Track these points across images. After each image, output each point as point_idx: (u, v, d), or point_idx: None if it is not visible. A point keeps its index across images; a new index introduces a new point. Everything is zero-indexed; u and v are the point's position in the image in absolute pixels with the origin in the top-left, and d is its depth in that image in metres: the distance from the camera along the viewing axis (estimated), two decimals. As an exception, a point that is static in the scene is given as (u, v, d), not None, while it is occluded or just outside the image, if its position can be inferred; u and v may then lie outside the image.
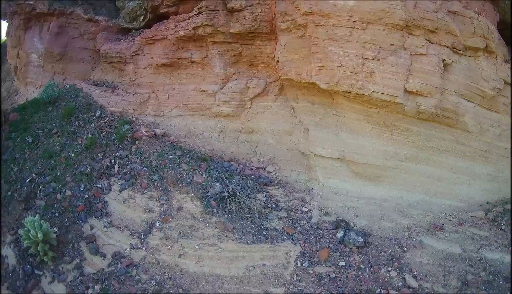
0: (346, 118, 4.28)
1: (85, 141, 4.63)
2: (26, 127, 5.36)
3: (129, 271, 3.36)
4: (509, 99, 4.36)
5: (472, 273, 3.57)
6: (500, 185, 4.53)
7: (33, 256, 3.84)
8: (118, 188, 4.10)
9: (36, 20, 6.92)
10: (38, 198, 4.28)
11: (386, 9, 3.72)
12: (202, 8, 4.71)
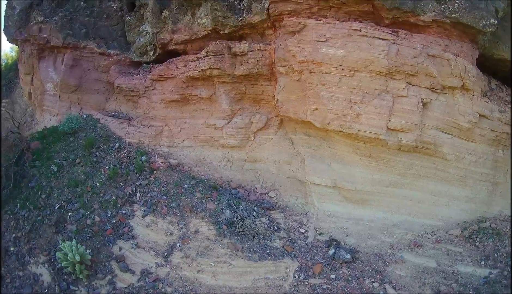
0: (338, 150, 5.24)
1: (108, 171, 5.58)
2: (50, 156, 6.30)
3: (156, 285, 4.30)
4: (486, 130, 5.30)
5: (445, 284, 4.51)
6: (476, 205, 5.49)
7: (68, 274, 4.77)
8: (141, 214, 5.04)
9: (49, 51, 7.86)
10: (69, 223, 5.21)
11: (371, 58, 4.70)
12: (209, 52, 5.67)
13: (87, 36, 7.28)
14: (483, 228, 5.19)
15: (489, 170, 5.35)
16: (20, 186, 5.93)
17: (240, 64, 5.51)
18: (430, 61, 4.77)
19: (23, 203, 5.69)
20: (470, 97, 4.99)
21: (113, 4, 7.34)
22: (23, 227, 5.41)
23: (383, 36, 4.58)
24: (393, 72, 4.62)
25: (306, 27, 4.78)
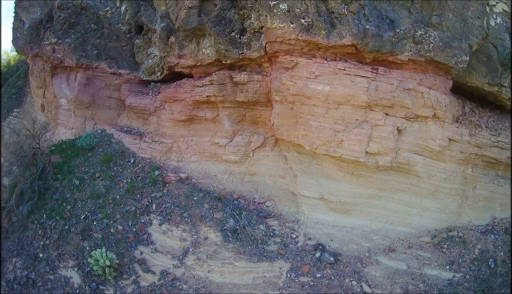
0: (325, 167, 6.43)
1: (126, 185, 6.75)
2: (70, 170, 7.45)
3: (174, 283, 5.57)
4: (455, 151, 6.39)
5: (413, 284, 5.75)
6: (446, 216, 6.69)
7: (97, 276, 6.01)
8: (157, 223, 6.26)
9: (62, 69, 8.89)
10: (95, 232, 6.42)
11: (353, 94, 5.80)
12: (213, 81, 6.75)
13: (99, 57, 8.30)
14: (451, 236, 6.41)
15: (459, 185, 6.52)
16: (44, 198, 7.12)
17: (240, 92, 6.62)
18: (405, 94, 5.88)
19: (49, 213, 6.89)
20: (441, 124, 6.11)
21: (122, 27, 8.32)
22: (51, 236, 6.63)
23: (364, 74, 5.67)
24: (372, 105, 5.75)
25: (298, 65, 5.87)
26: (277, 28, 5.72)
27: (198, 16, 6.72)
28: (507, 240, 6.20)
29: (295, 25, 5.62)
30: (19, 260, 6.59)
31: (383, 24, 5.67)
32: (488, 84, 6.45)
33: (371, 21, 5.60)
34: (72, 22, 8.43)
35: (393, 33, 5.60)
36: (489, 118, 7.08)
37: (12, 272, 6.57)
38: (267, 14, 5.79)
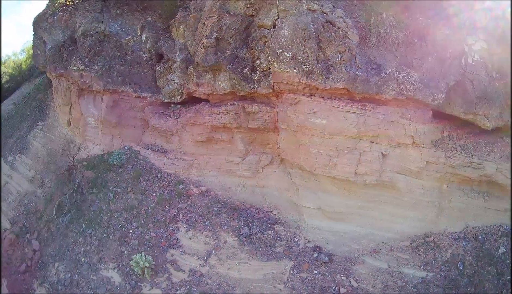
0: (322, 183, 8.30)
1: (156, 198, 8.66)
2: (104, 184, 9.35)
3: (200, 279, 7.56)
4: (432, 172, 8.17)
5: (391, 281, 7.69)
6: (425, 224, 8.49)
7: (135, 275, 7.96)
8: (184, 230, 8.20)
9: (88, 91, 10.59)
10: (131, 238, 8.35)
11: (344, 127, 7.58)
12: (229, 110, 8.53)
13: (123, 82, 10.01)
14: (427, 241, 8.28)
15: (436, 199, 8.32)
16: (81, 209, 9.04)
17: (252, 120, 8.43)
18: (389, 126, 7.64)
19: (88, 223, 8.81)
20: (420, 149, 7.88)
21: (143, 54, 9.99)
22: (91, 242, 8.56)
23: (354, 111, 7.42)
24: (360, 136, 7.55)
25: (300, 102, 7.63)
26: (282, 72, 7.47)
27: (214, 54, 8.45)
28: (477, 246, 8.04)
29: (298, 70, 7.35)
30: (62, 264, 8.55)
31: (371, 69, 7.39)
32: (464, 113, 8.17)
33: (361, 67, 7.31)
34: (97, 49, 10.10)
35: (379, 77, 7.32)
36: (466, 140, 8.82)
37: (56, 275, 8.54)
38: (274, 60, 7.51)
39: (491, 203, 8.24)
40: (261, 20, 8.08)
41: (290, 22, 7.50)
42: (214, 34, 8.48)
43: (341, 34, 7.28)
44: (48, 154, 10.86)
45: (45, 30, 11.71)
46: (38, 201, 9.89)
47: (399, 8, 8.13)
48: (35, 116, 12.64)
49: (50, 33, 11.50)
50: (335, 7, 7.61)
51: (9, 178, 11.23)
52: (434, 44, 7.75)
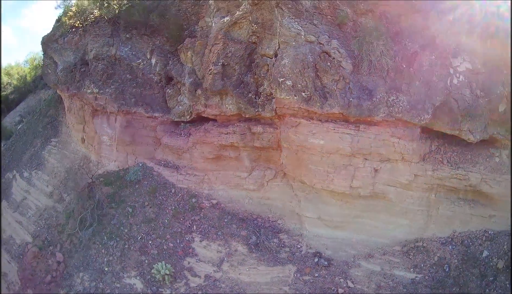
0: (321, 195, 9.71)
1: (171, 211, 10.07)
2: (122, 199, 10.76)
3: (215, 283, 9.00)
4: (420, 183, 9.60)
5: (384, 282, 9.13)
6: (415, 230, 9.87)
7: (156, 281, 9.42)
8: (199, 240, 9.64)
9: (102, 111, 11.91)
10: (151, 249, 9.79)
11: (340, 146, 8.96)
12: (236, 131, 9.89)
13: (136, 103, 11.33)
14: (417, 246, 9.68)
15: (424, 207, 9.71)
16: (102, 223, 10.46)
17: (257, 140, 9.80)
18: (380, 144, 9.00)
19: (109, 236, 10.23)
20: (408, 164, 9.25)
21: (154, 77, 11.29)
22: (114, 253, 9.99)
23: (349, 132, 8.78)
24: (354, 154, 8.92)
25: (300, 124, 8.99)
26: (284, 99, 8.81)
27: (221, 80, 9.78)
28: (462, 250, 9.43)
29: (298, 97, 8.69)
30: (86, 274, 9.99)
31: (363, 94, 8.73)
32: (450, 129, 9.51)
33: (354, 93, 8.65)
34: (109, 73, 11.39)
35: (371, 102, 8.65)
36: (453, 152, 10.18)
37: (81, 284, 9.99)
38: (277, 87, 8.85)
39: (476, 210, 9.52)
40: (263, 49, 9.41)
41: (290, 53, 8.82)
42: (221, 61, 9.81)
43: (336, 64, 8.61)
44: (65, 171, 12.24)
45: (56, 51, 12.96)
46: (59, 216, 11.29)
47: (389, 36, 9.46)
48: (48, 133, 13.98)
49: (61, 54, 12.76)
50: (330, 37, 8.92)
51: (27, 193, 12.62)
52: (421, 69, 9.07)
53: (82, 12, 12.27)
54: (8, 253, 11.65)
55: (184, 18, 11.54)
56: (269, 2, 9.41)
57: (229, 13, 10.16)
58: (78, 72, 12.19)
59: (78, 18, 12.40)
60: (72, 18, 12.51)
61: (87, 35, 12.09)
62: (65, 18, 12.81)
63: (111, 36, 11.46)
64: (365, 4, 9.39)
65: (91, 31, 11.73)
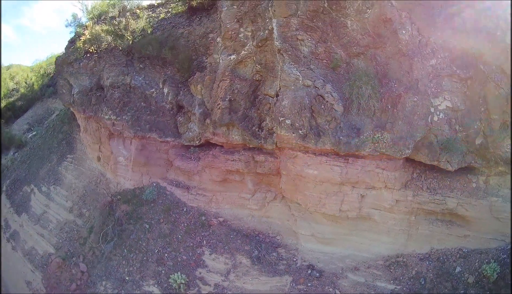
0: (314, 216, 12.16)
1: (184, 228, 12.54)
2: (139, 216, 13.25)
3: (223, 291, 11.53)
4: (401, 207, 12.15)
5: (367, 291, 11.65)
6: (396, 246, 12.39)
7: (173, 289, 12.02)
8: (208, 253, 12.16)
9: (118, 134, 14.22)
10: (167, 261, 12.33)
11: (331, 176, 11.36)
12: (241, 159, 12.25)
13: (150, 129, 13.64)
14: (398, 261, 12.22)
15: (405, 227, 12.18)
16: (122, 237, 12.99)
17: (260, 167, 12.19)
18: (366, 174, 11.40)
19: (129, 249, 12.76)
20: (391, 191, 11.66)
21: (166, 105, 13.56)
22: (134, 264, 12.54)
23: (339, 164, 11.16)
24: (344, 183, 11.31)
25: (297, 156, 11.35)
26: (284, 135, 11.14)
27: (228, 114, 12.09)
28: (437, 265, 11.88)
29: (295, 134, 11.03)
30: (109, 283, 12.54)
31: (352, 133, 11.06)
32: (429, 160, 11.86)
33: (344, 131, 10.98)
34: (125, 101, 13.64)
35: (358, 139, 10.99)
36: (433, 179, 12.61)
37: (104, 292, 12.53)
38: (277, 125, 11.18)
39: (453, 230, 11.87)
40: (266, 89, 11.70)
41: (289, 95, 11.12)
42: (228, 97, 12.10)
43: (329, 107, 10.92)
44: (82, 187, 14.63)
45: (71, 74, 15.14)
46: (80, 229, 13.74)
47: (378, 78, 11.73)
48: (63, 149, 16.30)
49: (77, 78, 14.95)
50: (325, 82, 11.20)
51: (46, 208, 15.02)
52: (404, 109, 11.34)
53: (96, 38, 14.39)
54: (31, 263, 14.15)
55: (192, 49, 13.77)
56: (272, 46, 11.68)
57: (235, 51, 12.42)
58: (94, 96, 14.43)
59: (92, 44, 14.54)
60: (86, 43, 14.65)
61: (101, 61, 14.28)
62: (79, 42, 14.94)
63: (125, 66, 13.67)
64: (357, 47, 11.66)
65: (106, 59, 13.92)
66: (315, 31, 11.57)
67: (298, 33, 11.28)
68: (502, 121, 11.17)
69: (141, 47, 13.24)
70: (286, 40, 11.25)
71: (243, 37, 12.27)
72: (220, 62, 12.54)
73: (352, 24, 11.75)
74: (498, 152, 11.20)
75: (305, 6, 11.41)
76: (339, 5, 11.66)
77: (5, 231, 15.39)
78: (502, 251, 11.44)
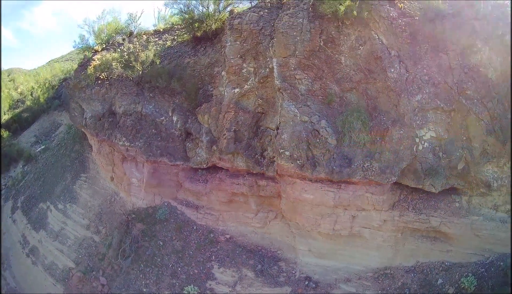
0: (311, 233, 14.76)
1: (195, 244, 15.24)
2: (154, 234, 15.94)
3: (231, 300, 14.44)
4: (389, 226, 14.87)
5: None
6: (385, 260, 15.02)
7: None
8: (217, 267, 14.88)
9: (131, 158, 16.75)
10: (180, 274, 15.07)
11: (325, 201, 13.93)
12: (245, 183, 14.82)
13: (161, 154, 16.15)
14: (386, 273, 14.95)
15: (393, 243, 14.84)
16: (139, 253, 15.75)
17: (262, 190, 14.80)
18: (357, 198, 14.01)
19: (146, 264, 15.51)
20: (379, 212, 14.28)
21: (175, 132, 16.04)
22: (150, 277, 15.31)
23: (332, 190, 13.75)
24: (337, 206, 13.92)
25: (296, 183, 13.94)
26: (283, 165, 13.69)
27: (234, 143, 14.62)
28: (421, 277, 14.59)
29: (294, 165, 13.58)
30: None
31: (344, 163, 13.62)
32: (415, 184, 14.47)
33: (337, 162, 13.53)
34: (137, 128, 16.10)
35: (350, 168, 13.56)
36: (418, 200, 15.23)
37: None
38: (278, 156, 13.73)
39: (436, 245, 14.45)
40: (267, 123, 14.20)
41: (288, 130, 13.63)
42: (233, 128, 14.61)
43: (324, 140, 13.45)
44: (98, 205, 17.24)
45: (84, 100, 17.54)
46: (98, 246, 16.41)
47: (368, 111, 14.23)
48: (76, 168, 18.84)
49: (89, 104, 17.36)
50: (320, 117, 13.69)
51: (64, 224, 17.63)
52: (391, 141, 13.83)
53: (106, 66, 16.72)
54: (52, 277, 16.83)
55: (198, 78, 16.19)
56: (272, 83, 14.14)
57: (238, 85, 14.86)
58: (106, 122, 16.88)
59: (102, 71, 16.90)
60: (97, 70, 17.00)
61: (112, 88, 16.67)
62: (90, 69, 17.28)
63: (136, 95, 16.08)
64: (350, 82, 14.14)
65: (118, 88, 16.32)
66: (312, 69, 14.03)
67: (296, 72, 13.73)
68: (482, 149, 13.73)
69: (151, 78, 15.64)
70: (285, 79, 13.72)
71: (246, 72, 14.70)
72: (225, 95, 15.01)
73: (346, 60, 14.21)
74: (479, 176, 13.70)
75: (302, 47, 13.84)
76: (334, 42, 14.11)
77: (23, 246, 18.07)
78: (481, 265, 13.94)
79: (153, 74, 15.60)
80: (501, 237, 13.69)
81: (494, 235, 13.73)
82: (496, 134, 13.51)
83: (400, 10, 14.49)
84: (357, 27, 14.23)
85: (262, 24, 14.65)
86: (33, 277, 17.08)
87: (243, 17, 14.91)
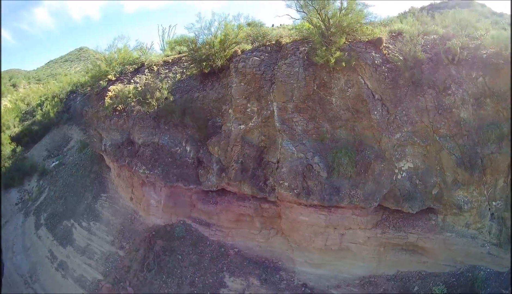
0: (307, 247, 20.07)
1: (209, 257, 20.61)
2: (173, 249, 21.41)
3: (240, 304, 20.13)
4: (372, 241, 20.41)
5: None
6: (369, 270, 20.26)
7: None
8: (228, 277, 20.26)
9: (150, 183, 22.00)
10: (197, 283, 20.52)
11: (318, 222, 19.20)
12: (251, 206, 20.12)
13: (177, 180, 21.33)
14: (370, 281, 20.34)
15: (376, 255, 20.10)
16: (161, 266, 21.37)
17: (265, 212, 20.12)
18: (345, 220, 19.28)
19: (167, 275, 21.06)
20: (364, 230, 19.55)
21: (189, 160, 21.19)
22: (172, 287, 20.81)
23: (324, 213, 18.96)
24: (328, 226, 19.15)
25: (293, 207, 19.17)
26: (283, 193, 18.93)
27: (241, 173, 19.84)
28: (400, 284, 20.04)
29: (292, 193, 18.82)
30: None
31: (333, 192, 18.88)
32: (395, 206, 19.84)
33: (327, 191, 18.79)
34: (155, 157, 21.22)
35: (338, 196, 18.82)
36: (399, 219, 20.59)
37: None
38: (278, 186, 18.97)
39: (414, 257, 20.03)
40: (269, 157, 19.38)
41: (287, 165, 18.83)
42: (240, 160, 19.79)
43: (316, 173, 18.68)
44: (119, 223, 22.58)
45: (103, 129, 22.54)
46: (123, 259, 21.85)
47: (355, 146, 19.45)
48: (96, 188, 24.07)
49: (108, 132, 22.37)
50: (314, 154, 18.84)
51: (89, 241, 22.96)
52: (373, 173, 19.06)
53: (123, 100, 21.62)
54: (82, 288, 22.26)
55: (207, 111, 21.23)
56: (273, 123, 19.26)
57: (244, 122, 19.95)
58: (125, 150, 21.97)
59: (119, 103, 21.85)
60: (115, 103, 21.93)
61: (130, 120, 21.66)
62: (108, 100, 22.21)
63: (153, 128, 21.09)
64: (339, 121, 19.29)
65: (136, 121, 21.29)
66: (307, 111, 19.14)
67: (293, 116, 18.83)
68: (453, 178, 19.05)
69: (166, 114, 20.68)
70: (284, 122, 18.84)
71: (250, 112, 19.76)
72: (232, 130, 20.12)
73: (336, 101, 19.31)
74: (451, 199, 18.93)
75: (299, 92, 18.90)
76: (326, 86, 19.16)
77: (52, 261, 23.60)
78: (452, 275, 19.43)
79: (168, 110, 20.62)
80: (471, 251, 18.89)
81: (465, 250, 18.93)
82: (465, 166, 18.50)
83: (384, 56, 19.46)
84: (346, 72, 19.21)
85: (263, 69, 19.57)
86: (64, 289, 22.64)
87: (247, 61, 19.80)
